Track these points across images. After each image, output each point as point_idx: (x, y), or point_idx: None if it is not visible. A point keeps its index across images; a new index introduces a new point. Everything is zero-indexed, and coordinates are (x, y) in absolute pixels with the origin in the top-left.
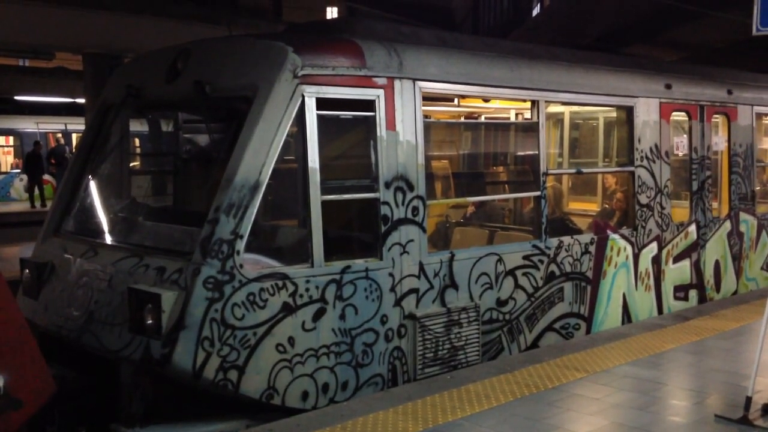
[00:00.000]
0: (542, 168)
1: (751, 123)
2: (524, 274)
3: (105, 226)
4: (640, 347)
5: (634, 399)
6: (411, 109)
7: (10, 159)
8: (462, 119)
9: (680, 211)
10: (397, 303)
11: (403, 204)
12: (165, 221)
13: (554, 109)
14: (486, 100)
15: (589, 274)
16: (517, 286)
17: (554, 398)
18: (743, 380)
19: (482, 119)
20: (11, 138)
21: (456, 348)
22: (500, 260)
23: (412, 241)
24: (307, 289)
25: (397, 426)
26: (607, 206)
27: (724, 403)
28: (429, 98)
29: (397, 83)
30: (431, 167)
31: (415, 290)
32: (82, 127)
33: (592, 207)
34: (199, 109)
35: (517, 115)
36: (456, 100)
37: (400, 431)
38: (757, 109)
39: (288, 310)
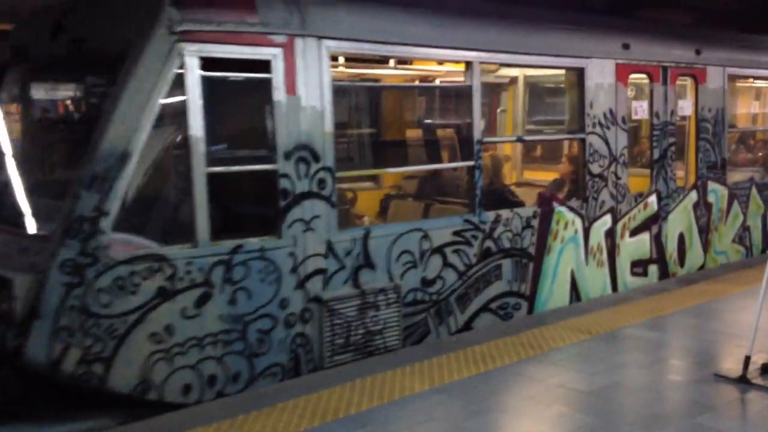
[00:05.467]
0: (476, 136)
1: (722, 85)
2: (455, 251)
3: None
4: (645, 310)
5: (637, 359)
6: (316, 70)
7: None
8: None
9: (639, 180)
10: (300, 285)
11: (306, 176)
12: (33, 195)
13: (507, 72)
14: (410, 62)
15: (532, 249)
16: (446, 264)
17: (558, 358)
18: (744, 342)
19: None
20: None
21: (372, 333)
22: (426, 237)
23: (318, 217)
24: (189, 272)
25: (290, 425)
26: (557, 176)
27: (725, 363)
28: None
29: (298, 42)
30: (345, 135)
31: (322, 271)
32: None
33: (551, 176)
34: (76, 69)
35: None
36: (391, 61)
37: (293, 429)
38: (730, 70)
39: (165, 295)
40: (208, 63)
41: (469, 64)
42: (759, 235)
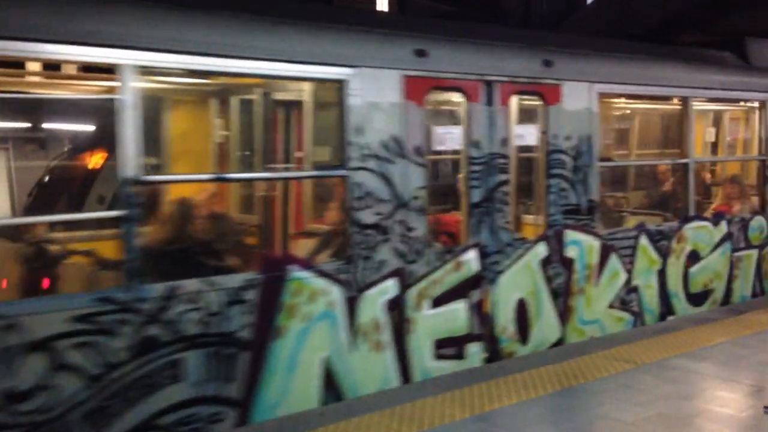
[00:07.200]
0: (128, 173)
1: (588, 107)
2: (77, 345)
3: None
4: (690, 340)
5: (682, 390)
6: None
7: None
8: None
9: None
10: None
11: None
12: None
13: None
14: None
15: (246, 334)
16: (58, 367)
17: (600, 388)
18: None
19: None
20: None
21: None
22: (12, 327)
23: None
24: None
25: None
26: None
27: None
28: None
29: None
30: None
31: None
32: None
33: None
34: None
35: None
36: None
37: None
38: (602, 87)
39: None
40: None
41: (118, 69)
42: (654, 298)
